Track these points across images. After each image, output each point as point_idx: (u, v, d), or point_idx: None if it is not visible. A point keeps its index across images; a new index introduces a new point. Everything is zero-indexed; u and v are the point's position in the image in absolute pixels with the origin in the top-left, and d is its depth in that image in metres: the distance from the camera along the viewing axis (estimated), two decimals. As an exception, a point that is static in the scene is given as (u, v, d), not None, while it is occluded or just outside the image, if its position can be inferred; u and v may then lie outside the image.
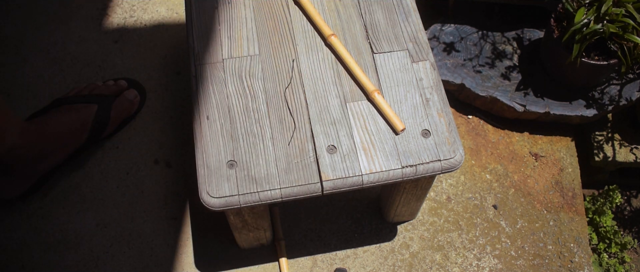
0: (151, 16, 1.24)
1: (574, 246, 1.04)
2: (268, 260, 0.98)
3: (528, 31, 1.20)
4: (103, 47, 1.19)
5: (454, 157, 0.74)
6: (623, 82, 1.12)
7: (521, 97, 1.11)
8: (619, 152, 1.14)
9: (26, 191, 0.99)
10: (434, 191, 1.07)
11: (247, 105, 0.78)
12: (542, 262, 1.01)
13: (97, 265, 0.97)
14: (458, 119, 1.16)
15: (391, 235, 1.02)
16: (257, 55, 0.82)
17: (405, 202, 0.92)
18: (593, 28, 0.97)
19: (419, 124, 0.76)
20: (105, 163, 1.06)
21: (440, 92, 0.79)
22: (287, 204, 1.02)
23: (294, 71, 0.80)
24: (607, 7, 0.96)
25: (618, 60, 1.01)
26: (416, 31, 0.84)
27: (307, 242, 1.00)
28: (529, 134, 1.15)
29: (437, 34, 1.19)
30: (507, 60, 1.17)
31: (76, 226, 0.99)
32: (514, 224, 1.05)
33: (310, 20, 0.85)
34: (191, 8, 0.86)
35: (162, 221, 1.01)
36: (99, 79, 1.14)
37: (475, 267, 1.00)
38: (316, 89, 0.79)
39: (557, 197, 1.08)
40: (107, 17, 1.24)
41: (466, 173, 1.10)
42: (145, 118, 1.11)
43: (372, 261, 0.99)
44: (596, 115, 1.10)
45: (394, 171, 0.73)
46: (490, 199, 1.07)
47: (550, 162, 1.12)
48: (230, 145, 0.74)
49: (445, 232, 1.03)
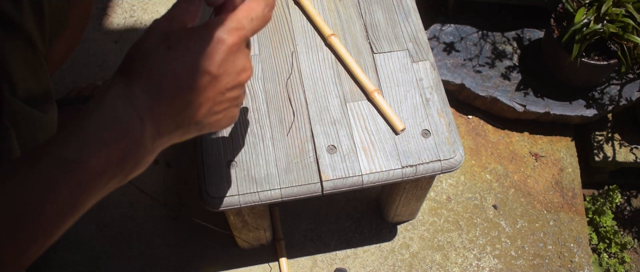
0: (151, 16, 1.24)
1: (574, 246, 1.04)
2: (268, 260, 0.98)
3: (528, 31, 1.20)
4: (103, 47, 1.19)
5: (454, 157, 0.74)
6: (623, 82, 1.12)
7: (521, 97, 1.11)
8: (619, 152, 1.14)
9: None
10: (434, 191, 1.07)
11: (247, 105, 0.78)
12: (542, 262, 1.01)
13: (97, 265, 0.97)
14: (458, 119, 1.16)
15: (391, 235, 1.01)
16: (257, 55, 0.82)
17: (405, 202, 0.92)
18: (593, 28, 0.97)
19: (419, 124, 0.76)
20: (105, 163, 1.06)
21: (440, 92, 0.79)
22: (287, 204, 1.02)
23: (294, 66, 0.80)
24: (607, 7, 0.96)
25: (618, 60, 1.01)
26: (416, 31, 0.84)
27: (307, 242, 1.00)
28: (529, 134, 1.15)
29: (437, 34, 1.19)
30: (507, 60, 1.17)
31: (76, 226, 0.99)
32: (514, 224, 1.05)
33: (310, 20, 0.85)
34: (191, 8, 0.86)
35: (162, 221, 1.01)
36: (99, 79, 1.14)
37: (475, 267, 1.00)
38: (316, 88, 0.79)
39: (557, 197, 1.08)
40: (107, 17, 1.24)
41: (466, 173, 1.10)
42: (145, 118, 1.11)
43: (372, 261, 0.99)
44: (596, 115, 1.10)
45: (394, 171, 0.73)
46: (490, 199, 1.07)
47: (550, 162, 1.12)
48: (230, 145, 0.74)
49: (445, 232, 1.03)
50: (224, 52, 0.43)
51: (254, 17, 0.46)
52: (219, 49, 0.43)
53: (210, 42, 0.43)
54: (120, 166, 0.41)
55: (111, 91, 0.41)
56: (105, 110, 0.40)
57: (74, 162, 0.38)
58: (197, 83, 0.42)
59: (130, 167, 0.42)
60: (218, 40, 0.43)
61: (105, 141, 0.39)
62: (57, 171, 0.38)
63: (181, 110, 0.43)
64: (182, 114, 0.43)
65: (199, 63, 0.42)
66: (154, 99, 0.41)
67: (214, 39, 0.43)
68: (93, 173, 0.39)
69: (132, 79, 0.41)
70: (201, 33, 0.43)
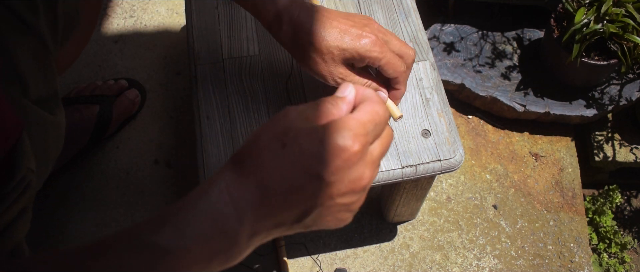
0: (151, 16, 1.24)
1: (574, 246, 1.04)
2: (268, 260, 0.98)
3: (528, 31, 1.20)
4: (103, 47, 1.19)
5: (454, 157, 0.74)
6: (623, 82, 1.12)
7: (521, 97, 1.11)
8: (619, 152, 1.14)
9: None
10: (434, 191, 1.07)
11: (247, 105, 0.78)
12: (542, 262, 1.01)
13: (97, 265, 0.97)
14: (458, 119, 1.16)
15: (391, 235, 1.02)
16: (257, 55, 0.82)
17: (405, 202, 0.92)
18: (593, 28, 0.97)
19: (419, 124, 0.76)
20: (105, 163, 1.06)
21: (440, 92, 0.79)
22: (287, 204, 1.02)
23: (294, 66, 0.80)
24: (607, 7, 0.96)
25: (618, 60, 1.01)
26: (416, 31, 0.84)
27: (307, 242, 1.00)
28: (529, 134, 1.15)
29: (437, 34, 1.19)
30: (507, 60, 1.17)
31: (76, 226, 0.99)
32: (514, 224, 1.05)
33: (310, 20, 0.85)
34: (191, 8, 0.86)
35: (162, 221, 1.01)
36: (99, 79, 1.14)
37: (475, 267, 1.00)
38: (316, 89, 0.79)
39: (557, 197, 1.08)
40: (107, 17, 1.24)
41: (466, 173, 1.10)
42: (145, 118, 1.11)
43: (372, 261, 0.99)
44: (596, 115, 1.10)
45: (394, 171, 0.73)
46: (490, 199, 1.07)
47: (550, 162, 1.12)
48: (230, 145, 0.74)
49: (445, 232, 1.03)
50: (343, 160, 0.40)
51: (378, 122, 0.42)
52: (339, 156, 0.39)
53: (329, 146, 0.39)
54: (210, 260, 0.40)
55: (218, 184, 0.40)
56: (207, 205, 0.39)
57: (169, 252, 0.37)
58: (305, 188, 0.40)
59: (219, 263, 0.41)
60: (340, 148, 0.39)
61: (203, 237, 0.38)
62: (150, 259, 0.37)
63: (283, 211, 0.40)
64: (284, 214, 0.41)
65: (311, 167, 0.39)
66: (258, 199, 0.39)
67: (334, 145, 0.39)
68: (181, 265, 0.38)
69: (240, 175, 0.40)
70: (321, 135, 0.40)
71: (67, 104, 1.01)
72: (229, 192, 0.39)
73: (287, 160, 0.39)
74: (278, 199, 0.40)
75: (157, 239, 0.37)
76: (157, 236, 0.38)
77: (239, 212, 0.39)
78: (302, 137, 0.40)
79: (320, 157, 0.39)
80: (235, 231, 0.39)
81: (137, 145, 1.08)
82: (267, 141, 0.40)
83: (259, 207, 0.40)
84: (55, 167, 1.00)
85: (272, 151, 0.40)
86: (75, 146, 1.01)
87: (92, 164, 1.06)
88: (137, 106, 1.10)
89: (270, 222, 0.41)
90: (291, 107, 0.42)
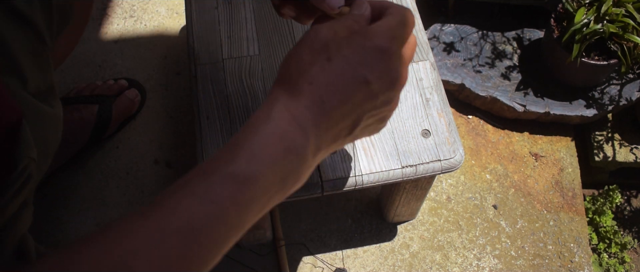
0: (151, 16, 1.24)
1: (574, 246, 1.04)
2: (268, 260, 0.98)
3: (528, 31, 1.20)
4: (103, 47, 1.19)
5: (454, 157, 0.74)
6: (623, 82, 1.13)
7: (521, 97, 1.11)
8: (619, 152, 1.14)
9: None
10: (434, 191, 1.07)
11: (247, 105, 0.77)
12: (542, 262, 1.01)
13: (97, 265, 0.97)
14: (458, 119, 1.16)
15: (391, 235, 1.02)
16: (257, 55, 0.82)
17: (405, 202, 0.92)
18: (593, 28, 0.97)
19: (419, 124, 0.76)
20: (105, 163, 1.06)
21: (440, 92, 0.79)
22: (287, 204, 1.02)
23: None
24: (607, 7, 0.96)
25: (618, 60, 1.01)
26: (416, 31, 0.84)
27: (307, 242, 1.00)
28: (529, 134, 1.15)
29: (437, 34, 1.19)
30: (507, 60, 1.17)
31: (76, 226, 0.99)
32: (514, 224, 1.05)
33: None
34: (191, 8, 0.86)
35: (162, 221, 1.01)
36: (99, 79, 1.14)
37: (475, 267, 1.00)
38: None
39: (557, 197, 1.08)
40: (107, 17, 1.24)
41: (466, 173, 1.10)
42: (145, 118, 1.11)
43: (372, 261, 0.99)
44: (596, 115, 1.10)
45: (394, 171, 0.73)
46: (490, 199, 1.07)
47: (550, 162, 1.12)
48: (230, 145, 0.74)
49: (445, 232, 1.03)
50: (385, 61, 0.42)
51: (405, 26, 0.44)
52: (381, 58, 0.42)
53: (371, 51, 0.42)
54: (283, 182, 0.40)
55: (275, 107, 0.40)
56: (272, 127, 0.40)
57: (244, 178, 0.38)
58: (356, 95, 0.42)
59: (291, 184, 0.41)
60: (381, 49, 0.42)
61: (273, 158, 0.39)
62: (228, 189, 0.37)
63: (340, 122, 0.42)
64: (340, 125, 0.42)
65: (359, 74, 0.41)
66: (317, 114, 0.41)
67: (375, 48, 0.42)
68: (260, 191, 0.39)
69: (294, 94, 0.41)
70: (362, 42, 0.42)
71: (67, 103, 1.01)
72: (289, 112, 0.40)
73: (336, 71, 0.41)
74: (335, 110, 0.41)
75: (235, 169, 0.38)
76: (234, 165, 0.38)
77: (303, 128, 0.40)
78: (344, 48, 0.42)
79: (366, 62, 0.41)
80: (303, 148, 0.40)
81: (137, 145, 1.08)
82: (310, 58, 0.41)
83: (320, 122, 0.41)
84: (55, 167, 1.01)
85: (320, 65, 0.41)
86: (75, 145, 1.01)
87: (91, 164, 1.05)
88: (137, 106, 1.10)
89: (329, 135, 0.42)
90: (317, 25, 0.43)
